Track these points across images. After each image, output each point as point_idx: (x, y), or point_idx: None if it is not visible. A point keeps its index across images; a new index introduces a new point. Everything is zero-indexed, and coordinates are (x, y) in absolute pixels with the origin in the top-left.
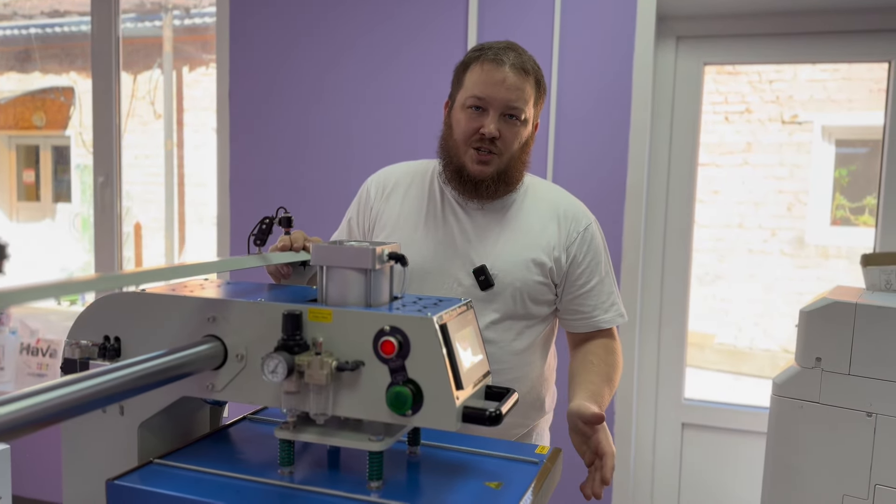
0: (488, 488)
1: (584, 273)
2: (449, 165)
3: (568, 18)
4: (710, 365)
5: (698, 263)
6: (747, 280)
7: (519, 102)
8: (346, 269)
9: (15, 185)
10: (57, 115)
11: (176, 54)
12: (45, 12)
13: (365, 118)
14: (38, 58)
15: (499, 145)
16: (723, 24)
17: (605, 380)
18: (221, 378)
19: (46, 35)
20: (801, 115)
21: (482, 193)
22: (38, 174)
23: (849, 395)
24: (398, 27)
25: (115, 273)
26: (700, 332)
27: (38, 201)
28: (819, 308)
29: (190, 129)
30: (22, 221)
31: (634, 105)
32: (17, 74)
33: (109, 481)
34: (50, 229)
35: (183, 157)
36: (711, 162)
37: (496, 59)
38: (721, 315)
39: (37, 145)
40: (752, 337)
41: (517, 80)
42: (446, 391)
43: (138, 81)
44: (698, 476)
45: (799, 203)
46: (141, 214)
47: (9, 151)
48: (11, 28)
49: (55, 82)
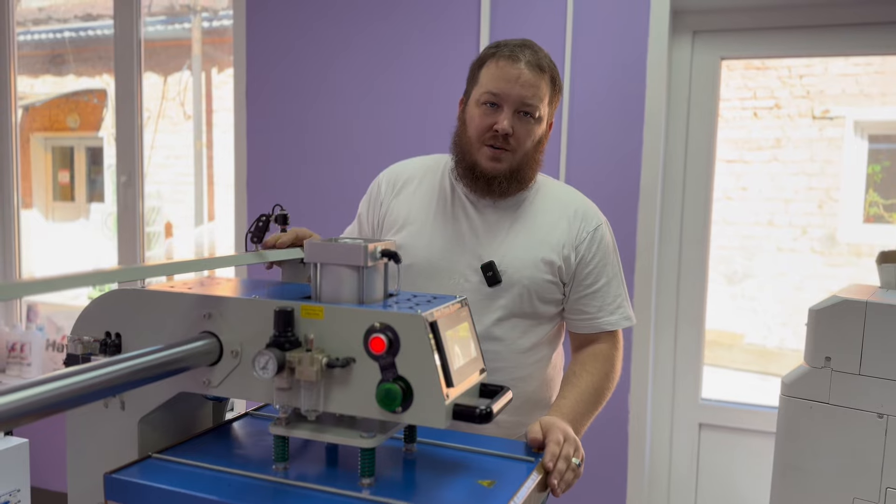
0: (480, 486)
1: (591, 273)
2: (462, 162)
3: (580, 14)
4: (738, 365)
5: (726, 262)
6: (777, 279)
7: (534, 100)
8: (339, 267)
9: (51, 186)
10: (90, 116)
11: (205, 56)
12: (79, 16)
13: (381, 116)
14: (71, 61)
15: (512, 142)
16: (740, 18)
17: (585, 395)
18: (217, 374)
19: (80, 38)
20: (833, 110)
21: (494, 190)
22: (73, 175)
23: (859, 395)
24: (411, 26)
25: (106, 269)
26: (729, 332)
27: (73, 201)
28: (828, 306)
29: (219, 130)
30: (57, 221)
31: (648, 101)
32: (52, 77)
33: (107, 474)
34: (84, 229)
35: (212, 158)
36: (739, 158)
37: (512, 56)
38: (750, 314)
39: (71, 146)
40: (782, 337)
41: (532, 77)
42: (436, 389)
43: (168, 83)
44: (716, 478)
45: (830, 200)
46: (172, 214)
47: (44, 153)
48: (46, 32)
49: (88, 85)
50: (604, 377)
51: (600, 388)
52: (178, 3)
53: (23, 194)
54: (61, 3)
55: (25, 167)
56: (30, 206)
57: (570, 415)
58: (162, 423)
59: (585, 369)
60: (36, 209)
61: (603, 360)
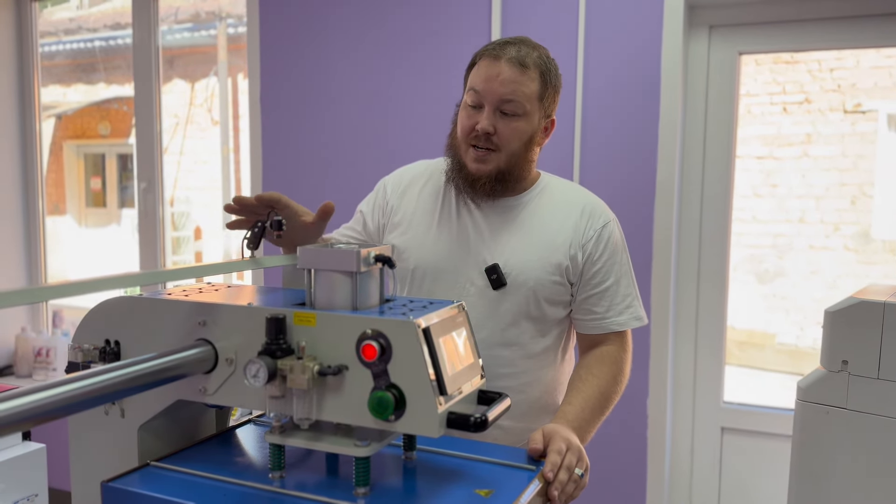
0: (478, 496)
1: (599, 272)
2: (453, 164)
3: (593, 9)
4: (771, 366)
5: (757, 261)
6: (809, 277)
7: (514, 96)
8: (332, 273)
9: (83, 193)
10: (120, 124)
11: (230, 62)
12: (108, 25)
13: (394, 119)
14: (101, 69)
15: (496, 141)
16: (759, 11)
17: (592, 401)
18: (213, 382)
19: (109, 47)
20: (865, 104)
21: (478, 192)
22: (105, 181)
23: (878, 400)
24: (422, 29)
25: (104, 276)
26: (760, 332)
27: (105, 207)
28: (845, 307)
29: (246, 135)
30: (90, 227)
31: (664, 98)
32: (84, 86)
33: (104, 483)
34: (116, 234)
35: (239, 163)
36: (769, 154)
37: (493, 55)
38: (782, 314)
39: (102, 153)
40: (815, 337)
41: (512, 73)
42: (428, 397)
43: (196, 89)
44: (740, 485)
45: (864, 196)
46: (201, 219)
47: (77, 160)
48: (77, 42)
49: (118, 92)
50: (611, 381)
51: (607, 392)
52: (203, 11)
53: (56, 201)
54: (91, 13)
55: (59, 174)
56: (63, 212)
57: (576, 421)
58: (162, 431)
59: (592, 373)
60: (69, 215)
61: (610, 362)
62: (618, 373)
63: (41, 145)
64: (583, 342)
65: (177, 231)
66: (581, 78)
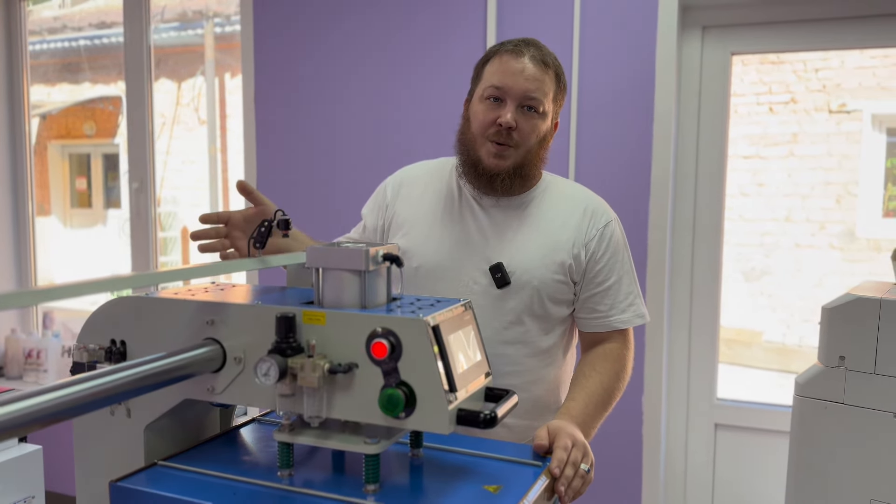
0: (486, 492)
1: (602, 270)
2: (466, 160)
3: (588, 10)
4: (758, 363)
5: (744, 259)
6: (795, 275)
7: (537, 93)
8: (341, 271)
9: (68, 193)
10: (106, 123)
11: (217, 62)
12: (94, 24)
13: (388, 119)
14: (87, 68)
15: (516, 137)
16: (750, 12)
17: (595, 397)
18: (221, 381)
19: (94, 46)
20: (850, 104)
21: (497, 188)
22: (90, 182)
23: (875, 395)
24: (417, 28)
25: (108, 277)
26: (748, 330)
27: (90, 208)
28: (842, 304)
29: (233, 135)
30: (75, 227)
31: (658, 98)
32: (69, 85)
33: (112, 482)
34: (102, 235)
35: (227, 162)
36: (756, 154)
37: (515, 51)
38: (769, 312)
39: (88, 154)
40: (801, 335)
41: (536, 71)
42: (438, 394)
43: (182, 89)
44: (734, 480)
45: (849, 195)
46: (188, 219)
47: (62, 160)
48: (62, 41)
49: (103, 92)
50: (614, 377)
51: (610, 388)
52: (190, 10)
53: (41, 201)
54: (76, 12)
55: (43, 175)
56: (48, 213)
57: (580, 417)
58: (168, 431)
59: (595, 369)
60: (54, 216)
61: (613, 359)
62: (620, 369)
63: (30, 146)
64: (585, 340)
65: (164, 231)
66: (576, 78)
